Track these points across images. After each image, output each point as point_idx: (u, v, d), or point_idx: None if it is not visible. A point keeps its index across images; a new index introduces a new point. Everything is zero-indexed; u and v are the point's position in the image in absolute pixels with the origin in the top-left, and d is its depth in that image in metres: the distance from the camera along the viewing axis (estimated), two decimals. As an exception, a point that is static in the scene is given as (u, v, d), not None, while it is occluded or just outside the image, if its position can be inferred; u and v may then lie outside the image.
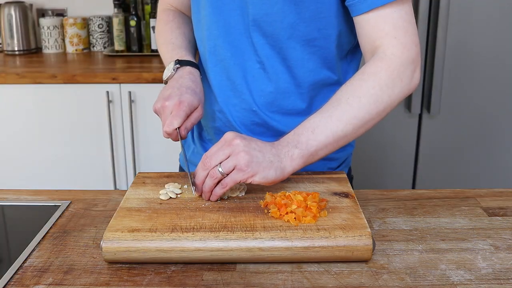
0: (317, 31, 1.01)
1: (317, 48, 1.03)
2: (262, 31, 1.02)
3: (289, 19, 0.99)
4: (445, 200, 1.01)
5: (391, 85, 0.95)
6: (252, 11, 1.00)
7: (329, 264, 0.80)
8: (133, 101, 2.18)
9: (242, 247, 0.79)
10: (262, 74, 1.05)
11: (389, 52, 0.95)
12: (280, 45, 1.02)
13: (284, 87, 1.06)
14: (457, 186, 2.21)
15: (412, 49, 0.96)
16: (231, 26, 1.04)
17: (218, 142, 0.92)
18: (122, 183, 2.29)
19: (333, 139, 0.93)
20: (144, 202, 0.91)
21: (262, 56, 1.04)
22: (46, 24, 2.61)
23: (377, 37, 0.96)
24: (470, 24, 2.08)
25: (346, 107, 0.93)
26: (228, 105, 1.09)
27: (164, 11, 1.23)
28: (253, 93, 1.07)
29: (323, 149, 0.93)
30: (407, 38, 0.96)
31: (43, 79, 2.16)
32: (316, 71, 1.05)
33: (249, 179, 0.88)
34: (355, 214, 0.85)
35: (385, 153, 2.26)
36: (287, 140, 0.93)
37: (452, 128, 2.20)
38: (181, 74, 1.06)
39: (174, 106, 0.99)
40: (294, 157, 0.91)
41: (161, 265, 0.81)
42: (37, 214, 0.99)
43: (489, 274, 0.78)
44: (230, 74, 1.07)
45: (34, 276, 0.78)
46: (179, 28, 1.18)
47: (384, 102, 0.95)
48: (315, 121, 0.93)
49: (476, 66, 2.13)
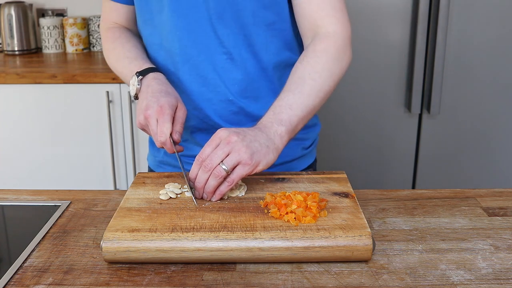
0: (276, 15, 1.09)
1: (277, 31, 1.11)
2: (226, 21, 1.07)
3: (251, 7, 1.06)
4: (445, 200, 1.01)
5: (340, 58, 1.07)
6: (215, 4, 1.05)
7: (329, 264, 0.80)
8: (133, 101, 2.18)
9: (242, 247, 0.79)
10: (230, 64, 1.10)
11: (331, 29, 1.07)
12: (244, 32, 1.08)
13: (252, 72, 1.12)
14: (457, 186, 2.21)
15: (348, 26, 1.09)
16: (194, 24, 1.07)
17: (210, 141, 0.92)
18: (122, 183, 2.29)
19: (307, 112, 1.02)
20: (144, 202, 0.91)
21: (229, 46, 1.09)
22: (46, 24, 2.61)
23: (318, 17, 1.07)
24: (470, 24, 2.08)
25: (311, 83, 1.02)
26: (204, 101, 1.12)
27: (108, 30, 1.23)
28: (226, 83, 1.11)
29: (301, 123, 1.02)
30: (344, 17, 1.08)
31: (43, 79, 2.16)
32: (278, 53, 1.12)
33: (254, 170, 0.91)
34: (355, 214, 0.85)
35: (385, 153, 2.26)
36: (270, 120, 0.98)
37: (452, 128, 2.20)
38: (148, 84, 1.06)
39: (156, 112, 0.99)
40: (283, 134, 0.97)
41: (161, 265, 0.81)
42: (37, 214, 0.99)
43: (489, 274, 0.78)
44: (200, 70, 1.10)
45: (34, 276, 0.78)
46: (129, 41, 1.19)
47: (337, 74, 1.07)
48: (289, 99, 1.00)
49: (476, 66, 2.13)
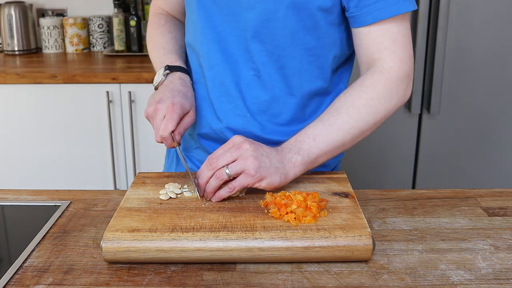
0: (317, 40, 1.02)
1: (314, 58, 1.03)
2: (261, 38, 1.01)
3: (290, 27, 0.99)
4: (445, 200, 1.01)
5: (388, 97, 0.99)
6: (253, 17, 1.00)
7: (329, 264, 0.80)
8: (133, 101, 2.18)
9: (242, 247, 0.79)
10: (256, 82, 1.05)
11: (387, 65, 0.98)
12: (279, 52, 1.02)
13: (278, 95, 1.05)
14: (457, 186, 2.21)
15: (408, 63, 1.00)
16: (222, 32, 1.03)
17: (225, 144, 0.92)
18: (122, 183, 2.29)
19: (333, 148, 0.96)
20: (144, 202, 0.91)
21: (258, 63, 1.03)
22: (46, 24, 2.61)
23: (376, 50, 0.99)
24: (470, 24, 2.08)
25: (345, 117, 0.96)
26: (223, 110, 1.08)
27: (155, 15, 1.22)
28: (246, 100, 1.06)
29: (323, 157, 0.96)
30: (405, 53, 0.99)
31: (43, 79, 2.16)
32: (311, 81, 1.05)
33: (256, 183, 0.90)
34: (355, 214, 0.85)
35: (385, 153, 2.26)
36: (289, 146, 0.95)
37: (452, 128, 2.20)
38: (172, 80, 1.06)
39: (167, 108, 0.98)
40: (297, 164, 0.93)
41: (161, 265, 0.81)
42: (37, 214, 0.99)
43: (489, 274, 0.78)
44: (222, 79, 1.06)
45: (34, 276, 0.78)
46: (170, 32, 1.18)
47: (381, 113, 0.99)
48: (316, 129, 0.96)
49: (476, 66, 2.13)
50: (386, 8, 0.96)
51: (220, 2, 1.02)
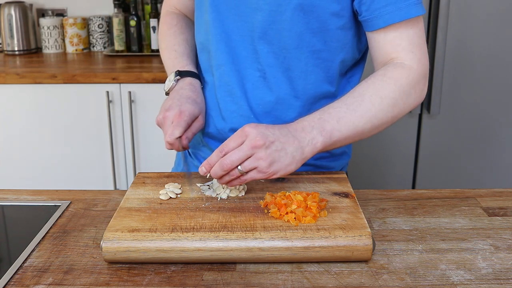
0: (323, 43, 1.02)
1: (321, 61, 1.03)
2: (268, 39, 1.01)
3: (297, 29, 0.99)
4: (445, 200, 1.01)
5: (408, 92, 0.98)
6: (260, 18, 1.00)
7: (329, 264, 0.80)
8: (133, 101, 2.18)
9: (242, 247, 0.79)
10: (262, 83, 1.05)
11: (407, 63, 0.98)
12: (285, 54, 1.02)
13: (282, 98, 1.05)
14: (457, 186, 2.21)
15: (425, 64, 1.00)
16: (231, 32, 1.04)
17: (236, 135, 0.89)
18: (122, 183, 2.29)
19: (353, 134, 0.94)
20: (144, 202, 0.91)
21: (265, 64, 1.03)
22: (46, 24, 2.61)
23: (393, 50, 0.99)
24: (470, 24, 2.08)
25: (369, 105, 0.94)
26: (227, 111, 1.08)
27: (168, 14, 1.23)
28: (250, 101, 1.06)
29: (342, 141, 0.94)
30: (422, 54, 0.99)
31: (43, 79, 2.16)
32: (317, 84, 1.05)
33: (269, 177, 0.89)
34: (355, 214, 0.85)
35: (385, 153, 2.26)
36: (312, 124, 0.92)
37: (452, 128, 2.20)
38: (182, 85, 1.07)
39: (174, 116, 1.00)
40: (317, 145, 0.91)
41: (161, 265, 0.81)
42: (37, 214, 0.99)
43: (489, 274, 0.78)
44: (228, 79, 1.06)
45: (34, 276, 0.78)
46: (182, 33, 1.18)
47: (400, 107, 0.97)
48: (341, 112, 0.93)
49: (476, 66, 2.13)
50: (395, 12, 0.96)
51: (230, 2, 1.02)
